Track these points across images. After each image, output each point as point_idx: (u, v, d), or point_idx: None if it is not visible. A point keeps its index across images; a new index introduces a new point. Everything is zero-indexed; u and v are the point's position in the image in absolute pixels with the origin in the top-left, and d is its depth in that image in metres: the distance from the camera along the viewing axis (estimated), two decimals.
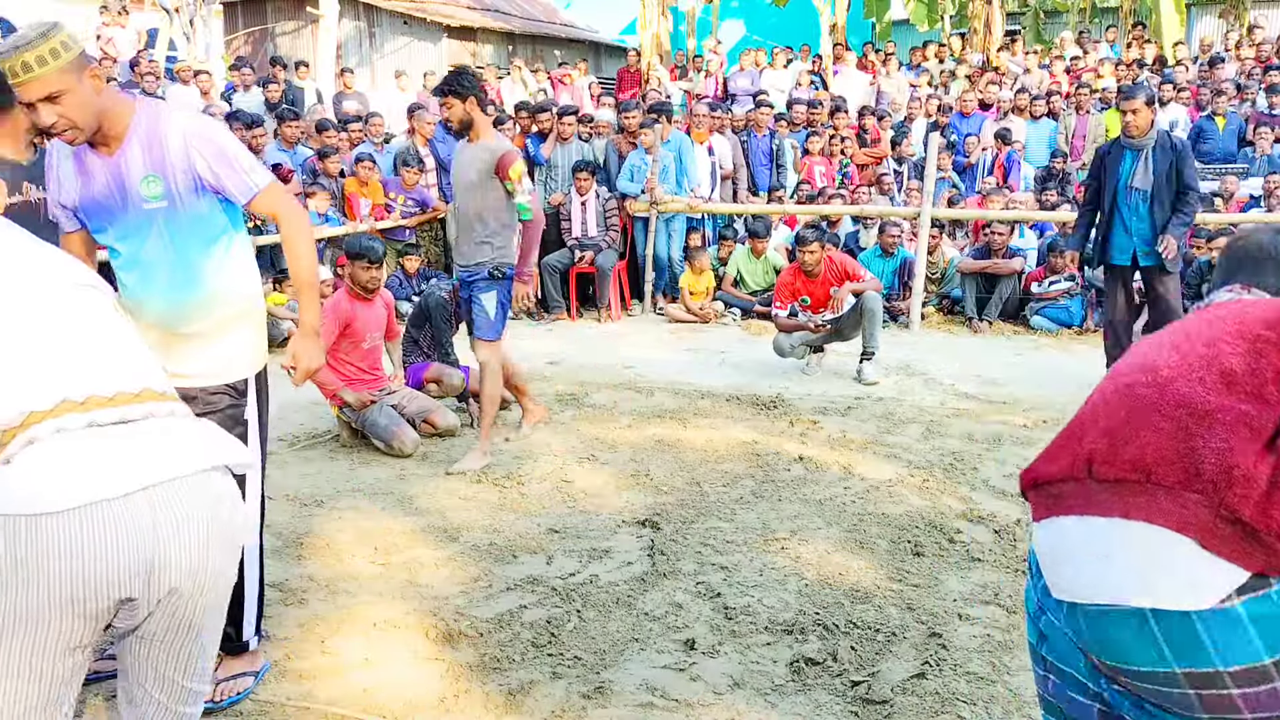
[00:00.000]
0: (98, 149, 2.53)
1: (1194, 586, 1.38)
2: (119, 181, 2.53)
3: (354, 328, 5.01)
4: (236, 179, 2.58)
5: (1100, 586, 1.46)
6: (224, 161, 2.56)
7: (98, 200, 2.56)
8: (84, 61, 2.37)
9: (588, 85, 13.93)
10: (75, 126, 2.40)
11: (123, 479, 1.57)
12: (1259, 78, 11.34)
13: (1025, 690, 2.74)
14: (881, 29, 18.06)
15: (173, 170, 2.52)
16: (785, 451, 4.86)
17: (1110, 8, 18.56)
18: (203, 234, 2.61)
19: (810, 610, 3.19)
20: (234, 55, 15.75)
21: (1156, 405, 1.52)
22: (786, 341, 6.66)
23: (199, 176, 2.55)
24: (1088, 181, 6.21)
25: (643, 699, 2.70)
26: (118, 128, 2.50)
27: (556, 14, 23.99)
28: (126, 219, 2.56)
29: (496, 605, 3.25)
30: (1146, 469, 1.46)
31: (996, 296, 8.26)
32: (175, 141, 2.52)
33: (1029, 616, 1.69)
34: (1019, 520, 3.96)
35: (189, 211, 2.57)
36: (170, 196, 2.54)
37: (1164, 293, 5.89)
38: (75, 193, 2.58)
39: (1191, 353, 1.56)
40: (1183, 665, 1.39)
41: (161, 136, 2.52)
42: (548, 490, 4.37)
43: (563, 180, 9.09)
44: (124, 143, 2.51)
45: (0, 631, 1.53)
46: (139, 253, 2.59)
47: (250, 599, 2.80)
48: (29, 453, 1.55)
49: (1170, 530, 1.41)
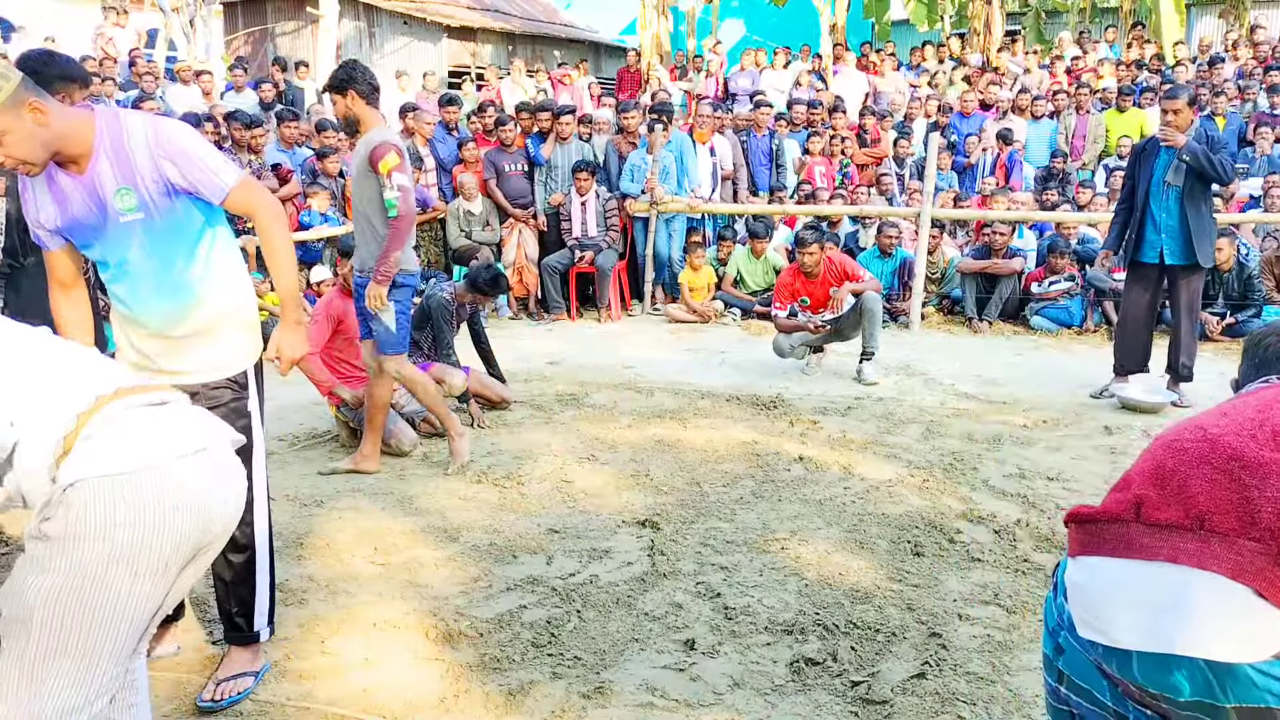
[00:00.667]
0: (67, 169, 2.47)
1: (1250, 637, 1.37)
2: (95, 198, 2.49)
3: (346, 324, 5.03)
4: (207, 180, 2.55)
5: (1148, 634, 1.44)
6: (191, 164, 2.52)
7: (78, 219, 2.52)
8: (22, 95, 2.24)
9: (587, 85, 13.92)
10: (26, 161, 2.32)
11: (196, 438, 1.81)
12: (1259, 78, 11.35)
13: (1025, 690, 2.74)
14: (881, 29, 18.05)
15: (143, 180, 2.48)
16: (785, 451, 4.86)
17: (1110, 8, 18.55)
18: (182, 238, 2.59)
19: (810, 610, 3.19)
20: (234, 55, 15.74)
21: (1208, 458, 1.51)
22: (786, 342, 6.66)
23: (169, 182, 2.51)
24: (1123, 179, 6.08)
25: (643, 699, 2.70)
26: (80, 147, 2.43)
27: (556, 14, 23.99)
28: (107, 234, 2.53)
29: (496, 605, 3.25)
30: (1200, 515, 1.45)
31: (996, 296, 8.26)
32: (140, 152, 2.47)
33: (1047, 630, 1.67)
34: (1019, 520, 3.96)
35: (165, 219, 2.55)
36: (145, 207, 2.50)
37: (1186, 293, 5.78)
38: (55, 215, 2.53)
39: (1241, 416, 1.56)
40: (1234, 702, 1.38)
41: (126, 148, 2.47)
42: (548, 490, 4.37)
43: (563, 180, 9.09)
44: (92, 159, 2.45)
45: (148, 571, 1.70)
46: (124, 265, 2.57)
47: (261, 589, 2.82)
48: (112, 427, 1.72)
49: (1224, 577, 1.40)
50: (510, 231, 9.02)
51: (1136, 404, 5.74)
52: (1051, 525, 3.92)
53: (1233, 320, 7.68)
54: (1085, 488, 4.39)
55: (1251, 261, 7.91)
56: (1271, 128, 10.02)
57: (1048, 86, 12.11)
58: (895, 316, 8.30)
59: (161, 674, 2.81)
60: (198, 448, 1.79)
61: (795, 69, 13.74)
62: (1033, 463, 4.73)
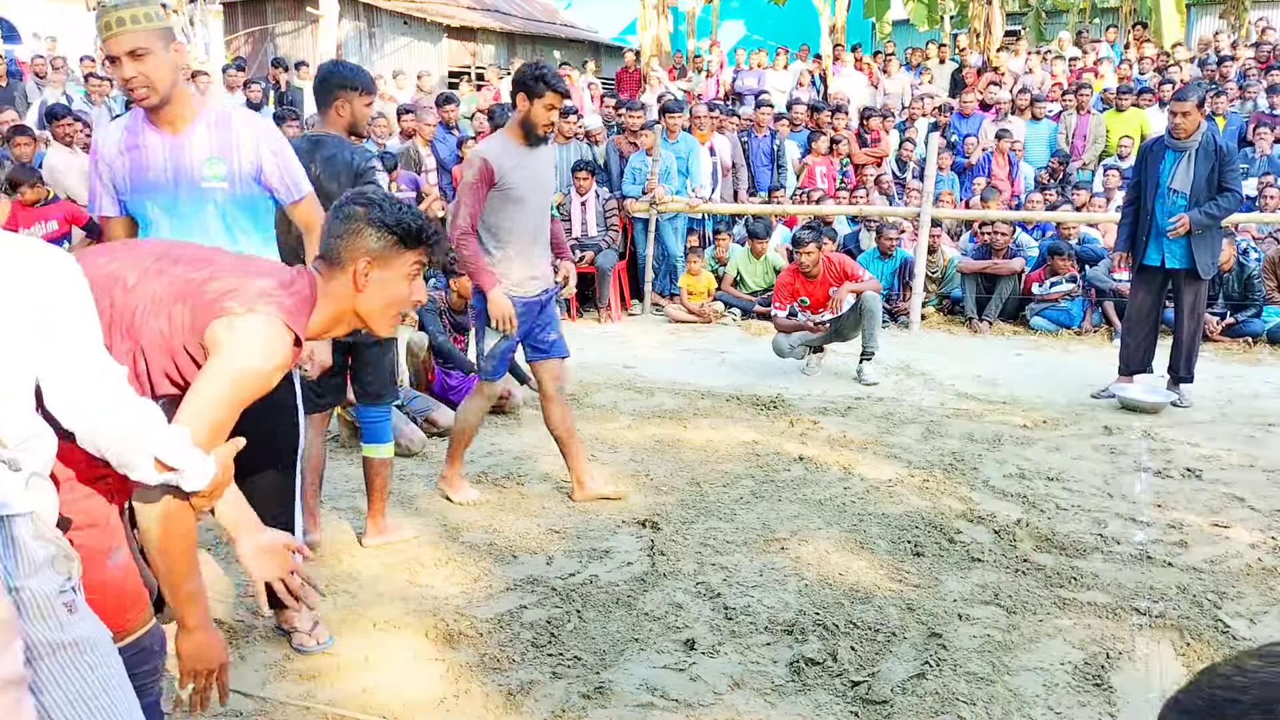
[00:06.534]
0: (161, 127, 2.68)
1: None
2: (176, 158, 2.69)
3: None
4: (291, 181, 2.86)
5: None
6: (286, 163, 2.84)
7: (147, 177, 2.70)
8: (170, 35, 2.58)
9: (586, 85, 13.92)
10: (151, 87, 2.55)
11: None
12: (1258, 77, 11.34)
13: (1025, 690, 2.74)
14: (881, 29, 18.07)
15: (239, 157, 2.73)
16: (785, 451, 4.86)
17: (1110, 8, 18.57)
18: (253, 218, 2.84)
19: (810, 610, 3.19)
20: (234, 55, 15.75)
21: None
22: (786, 342, 6.66)
23: (261, 169, 2.78)
24: (1130, 179, 6.00)
25: (643, 699, 2.70)
26: (186, 110, 2.69)
27: (556, 14, 23.98)
28: (178, 195, 2.71)
29: (496, 605, 3.25)
30: None
31: (996, 297, 8.25)
32: (245, 133, 2.75)
33: None
34: (1019, 520, 3.96)
35: (244, 195, 2.78)
36: (230, 178, 2.73)
37: (1189, 297, 5.73)
38: (126, 173, 2.71)
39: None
40: None
41: (232, 126, 2.74)
42: (548, 490, 4.37)
43: (563, 180, 9.08)
44: (191, 124, 2.69)
45: None
46: (189, 229, 2.72)
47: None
48: None
49: None
50: None
51: (1136, 404, 5.74)
52: (1051, 525, 3.93)
53: (1233, 320, 7.68)
54: (1085, 488, 4.39)
55: (1252, 261, 7.91)
56: (1271, 128, 10.01)
57: (1048, 87, 12.12)
58: (895, 316, 8.30)
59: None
60: None
61: (796, 69, 13.76)
62: (1033, 463, 4.73)
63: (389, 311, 2.05)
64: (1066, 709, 2.66)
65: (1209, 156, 5.57)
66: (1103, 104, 11.13)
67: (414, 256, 2.04)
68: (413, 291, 2.06)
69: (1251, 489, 4.40)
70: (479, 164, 3.83)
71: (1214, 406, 5.85)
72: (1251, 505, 4.21)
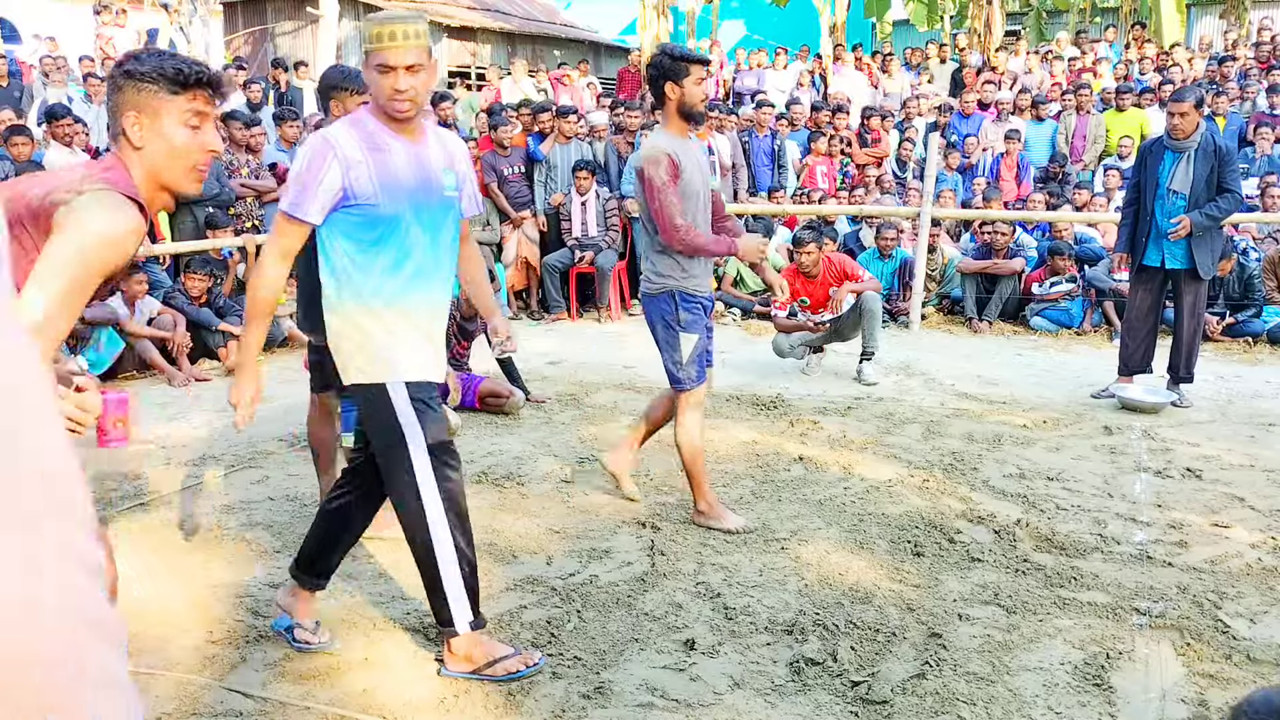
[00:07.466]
0: (402, 136, 2.71)
1: None
2: (423, 166, 2.72)
3: None
4: (475, 195, 2.94)
5: None
6: (473, 178, 2.94)
7: (399, 178, 2.66)
8: (431, 53, 2.68)
9: (586, 85, 13.92)
10: (417, 101, 2.63)
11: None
12: (1258, 77, 11.34)
13: (1025, 690, 2.74)
14: (881, 29, 18.07)
15: (459, 169, 2.84)
16: (785, 451, 4.86)
17: (1110, 8, 18.57)
18: (458, 228, 2.89)
19: (810, 610, 3.19)
20: (234, 55, 15.75)
21: None
22: (786, 342, 6.66)
23: (466, 182, 2.89)
24: (1130, 180, 6.00)
25: (643, 699, 2.69)
26: (421, 124, 2.77)
27: (556, 14, 23.97)
28: (430, 201, 2.72)
29: (496, 605, 3.25)
30: None
31: (997, 297, 8.26)
32: (458, 147, 2.89)
33: None
34: (1019, 520, 3.96)
35: (460, 206, 2.87)
36: (458, 189, 2.82)
37: (1189, 297, 5.73)
38: (369, 170, 2.62)
39: None
40: None
41: (446, 140, 2.86)
42: (548, 490, 4.37)
43: (563, 180, 9.08)
44: (424, 135, 2.77)
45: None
46: (438, 235, 2.76)
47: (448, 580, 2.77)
48: None
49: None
50: (510, 230, 9.02)
51: (1136, 404, 5.74)
52: (1051, 525, 3.92)
53: (1233, 320, 7.68)
54: (1085, 488, 4.39)
55: (1252, 261, 7.91)
56: (1271, 128, 10.02)
57: (1048, 87, 12.12)
58: (895, 316, 8.30)
59: (162, 674, 2.81)
60: None
61: (795, 69, 13.76)
62: (1033, 463, 4.73)
63: (178, 165, 1.99)
64: (1066, 709, 2.66)
65: (1208, 157, 5.57)
66: (1102, 104, 11.13)
67: (184, 102, 1.96)
68: (200, 139, 1.99)
69: (1251, 489, 4.40)
70: (665, 161, 3.72)
71: (1214, 406, 5.85)
72: (1251, 505, 4.21)
